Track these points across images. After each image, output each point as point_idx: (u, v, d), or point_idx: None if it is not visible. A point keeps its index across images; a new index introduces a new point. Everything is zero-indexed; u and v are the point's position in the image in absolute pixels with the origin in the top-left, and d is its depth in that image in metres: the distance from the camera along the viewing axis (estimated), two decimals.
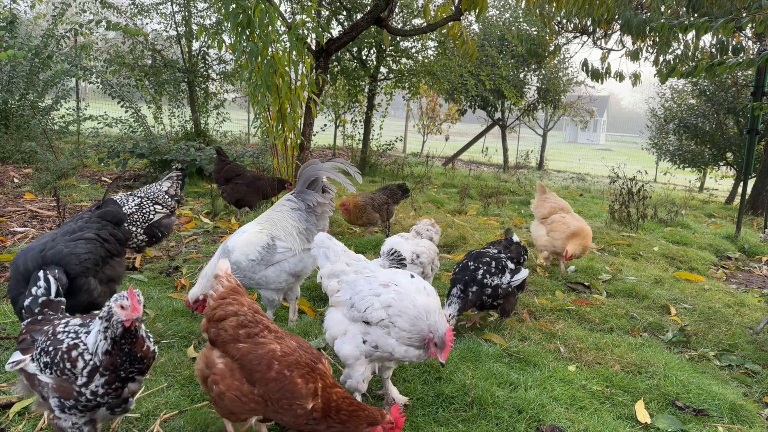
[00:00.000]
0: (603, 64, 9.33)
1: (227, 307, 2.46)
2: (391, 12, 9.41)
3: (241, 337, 2.36)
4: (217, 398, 2.34)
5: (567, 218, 5.63)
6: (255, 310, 2.49)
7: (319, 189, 3.86)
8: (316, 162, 3.88)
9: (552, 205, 5.89)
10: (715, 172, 16.97)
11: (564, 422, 2.89)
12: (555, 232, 5.58)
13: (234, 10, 6.39)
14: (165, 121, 12.68)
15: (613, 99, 69.37)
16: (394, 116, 28.16)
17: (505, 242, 4.43)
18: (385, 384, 2.94)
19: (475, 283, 3.83)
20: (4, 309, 3.76)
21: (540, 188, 6.19)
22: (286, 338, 2.41)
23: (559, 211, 5.78)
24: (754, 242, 7.84)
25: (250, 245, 3.63)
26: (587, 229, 5.53)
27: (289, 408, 2.25)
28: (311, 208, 3.82)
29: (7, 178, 8.09)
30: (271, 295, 3.77)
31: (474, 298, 3.80)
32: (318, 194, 3.84)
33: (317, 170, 3.82)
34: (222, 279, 2.58)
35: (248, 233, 3.69)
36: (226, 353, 2.37)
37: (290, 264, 3.69)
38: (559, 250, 5.49)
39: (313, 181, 3.85)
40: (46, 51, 9.52)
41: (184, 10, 12.70)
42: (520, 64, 17.66)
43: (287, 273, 3.69)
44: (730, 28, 4.69)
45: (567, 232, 5.45)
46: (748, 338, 4.35)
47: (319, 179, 3.85)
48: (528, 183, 13.56)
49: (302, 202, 3.83)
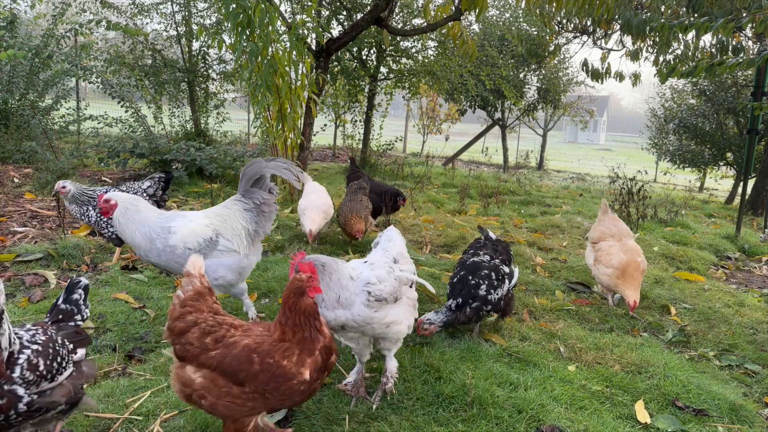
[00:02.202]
0: (603, 64, 9.34)
1: (186, 318, 2.36)
2: (391, 12, 9.41)
3: (209, 345, 2.29)
4: (211, 410, 2.29)
5: (613, 248, 4.79)
6: (215, 312, 2.42)
7: (265, 188, 3.84)
8: (259, 161, 3.84)
9: (603, 229, 5.10)
10: (715, 172, 16.97)
11: (564, 422, 2.89)
12: (600, 264, 4.82)
13: (234, 10, 6.39)
14: (165, 121, 12.68)
15: (613, 99, 69.36)
16: (394, 116, 28.15)
17: (491, 244, 4.21)
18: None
19: (477, 299, 3.72)
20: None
21: (603, 207, 5.27)
22: (252, 328, 2.40)
23: (609, 238, 4.98)
24: (754, 242, 7.84)
25: (192, 235, 3.60)
26: (636, 261, 4.66)
27: (289, 390, 2.24)
28: (258, 206, 3.80)
29: (7, 177, 8.09)
30: (222, 289, 3.80)
31: (471, 313, 3.70)
32: (264, 192, 3.82)
33: (262, 168, 3.79)
34: (194, 279, 2.48)
35: (195, 223, 3.66)
36: (200, 366, 2.28)
37: (230, 261, 3.67)
38: (609, 286, 4.75)
39: (258, 179, 3.82)
40: (46, 51, 9.51)
41: (184, 10, 12.70)
42: (520, 64, 17.66)
43: (225, 268, 3.65)
44: (730, 28, 4.69)
45: (611, 267, 4.66)
46: (748, 338, 4.35)
47: (265, 177, 3.82)
48: (528, 183, 13.57)
49: (251, 201, 3.81)
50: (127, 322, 3.76)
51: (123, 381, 2.98)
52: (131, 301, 4.14)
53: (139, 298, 4.22)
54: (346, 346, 3.10)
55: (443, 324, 3.68)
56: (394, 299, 2.91)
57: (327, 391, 3.04)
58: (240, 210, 3.83)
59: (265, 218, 3.86)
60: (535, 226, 8.02)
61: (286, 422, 2.77)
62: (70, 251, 4.98)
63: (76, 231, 5.77)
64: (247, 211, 3.82)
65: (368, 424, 2.76)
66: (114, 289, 4.33)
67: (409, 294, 3.09)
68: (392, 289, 2.87)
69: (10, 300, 3.96)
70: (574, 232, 7.80)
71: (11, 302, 3.90)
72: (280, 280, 4.69)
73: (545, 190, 12.99)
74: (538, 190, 12.95)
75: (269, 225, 3.91)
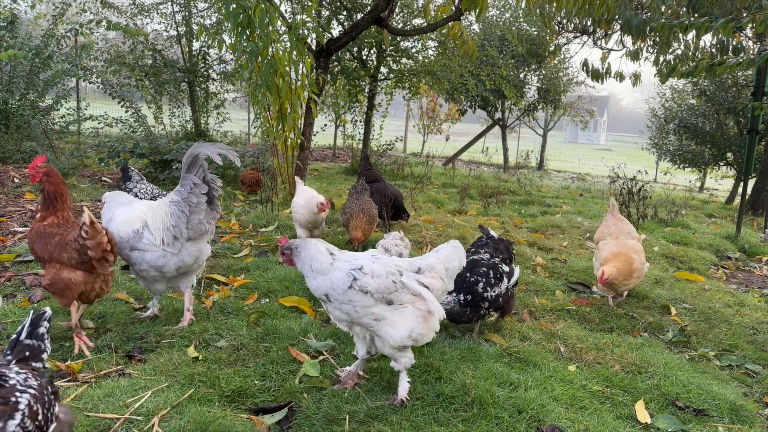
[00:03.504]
0: (603, 64, 9.35)
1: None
2: (391, 12, 9.41)
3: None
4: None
5: (608, 245, 4.86)
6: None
7: (199, 174, 3.55)
8: (201, 144, 3.65)
9: (604, 229, 5.15)
10: (715, 172, 16.98)
11: (564, 422, 2.89)
12: (596, 260, 4.90)
13: (234, 10, 6.39)
14: (165, 121, 12.68)
15: (613, 99, 69.39)
16: (395, 116, 28.15)
17: (492, 242, 4.19)
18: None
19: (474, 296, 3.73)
20: (5, 309, 3.77)
21: (611, 206, 5.30)
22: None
23: (608, 237, 5.03)
24: (754, 242, 7.84)
25: (124, 224, 3.62)
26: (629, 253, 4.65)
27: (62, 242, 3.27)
28: (186, 198, 3.55)
29: (7, 178, 8.09)
30: (141, 281, 3.76)
31: (471, 312, 3.72)
32: (195, 178, 3.56)
33: (198, 148, 3.57)
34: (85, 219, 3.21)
35: (133, 213, 3.67)
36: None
37: (151, 256, 3.59)
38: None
39: (193, 162, 3.56)
40: (46, 51, 9.51)
41: (185, 10, 12.71)
42: (521, 64, 17.67)
43: (147, 263, 3.60)
44: (730, 28, 4.69)
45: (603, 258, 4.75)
46: (749, 338, 4.35)
47: (198, 160, 3.55)
48: (528, 183, 13.56)
49: (181, 191, 3.59)
50: (127, 322, 3.76)
51: (123, 381, 2.98)
52: (131, 301, 4.14)
53: (139, 298, 4.22)
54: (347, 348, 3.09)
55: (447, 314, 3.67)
56: (386, 301, 2.87)
57: (327, 391, 3.04)
58: (167, 202, 3.64)
59: (193, 211, 3.57)
60: (535, 226, 8.02)
61: (287, 422, 2.77)
62: None
63: None
64: (172, 204, 3.60)
65: (368, 424, 2.76)
66: (114, 289, 4.33)
67: (420, 305, 2.96)
68: (383, 288, 2.86)
69: (10, 300, 3.97)
70: (574, 232, 7.80)
71: (11, 302, 3.90)
72: (281, 280, 4.69)
73: (545, 190, 13.00)
74: (539, 190, 12.95)
75: (198, 217, 3.58)
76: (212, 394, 2.91)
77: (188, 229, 3.59)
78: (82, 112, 11.88)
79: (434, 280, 3.05)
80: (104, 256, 3.31)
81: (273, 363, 3.29)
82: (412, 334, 2.92)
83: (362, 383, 3.14)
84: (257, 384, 3.05)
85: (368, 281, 2.85)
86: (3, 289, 4.18)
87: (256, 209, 7.48)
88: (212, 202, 3.68)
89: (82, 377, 3.02)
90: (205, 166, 3.60)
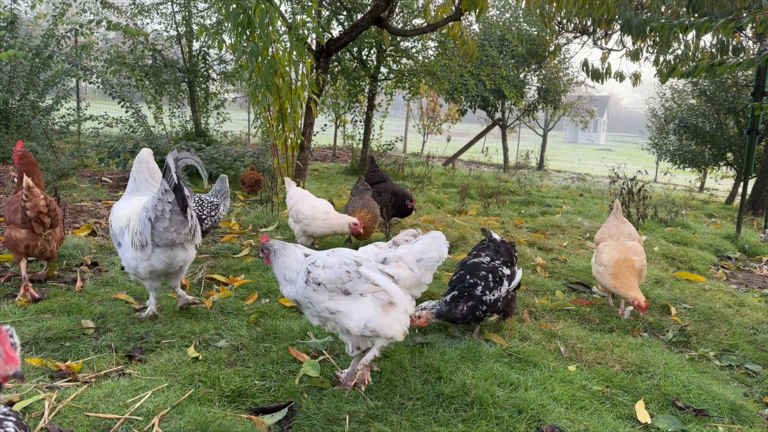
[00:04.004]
0: (603, 64, 9.35)
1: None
2: (391, 12, 9.41)
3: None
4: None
5: (608, 247, 4.70)
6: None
7: (171, 180, 3.33)
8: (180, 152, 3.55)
9: (604, 230, 5.08)
10: (715, 172, 16.98)
11: (564, 422, 2.89)
12: (596, 264, 4.74)
13: (234, 10, 6.39)
14: (165, 121, 12.68)
15: (613, 99, 69.39)
16: (395, 116, 28.17)
17: (493, 245, 4.17)
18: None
19: (472, 298, 3.72)
20: (5, 309, 3.77)
21: (615, 207, 5.20)
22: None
23: (608, 238, 4.93)
24: (754, 242, 7.84)
25: (116, 219, 3.75)
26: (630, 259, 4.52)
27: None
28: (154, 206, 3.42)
29: (7, 178, 8.09)
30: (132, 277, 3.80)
31: (467, 312, 3.71)
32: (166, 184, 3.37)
33: (171, 156, 3.38)
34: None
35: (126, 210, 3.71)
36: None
37: (129, 255, 3.62)
38: (607, 287, 4.58)
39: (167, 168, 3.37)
40: (46, 51, 9.52)
41: (185, 10, 12.71)
42: (521, 64, 17.67)
43: (125, 261, 3.66)
44: (730, 28, 4.69)
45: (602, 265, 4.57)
46: (749, 338, 4.35)
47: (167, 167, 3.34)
48: (528, 183, 13.56)
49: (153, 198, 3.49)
50: (127, 322, 3.76)
51: (123, 381, 2.98)
52: (131, 301, 4.14)
53: (139, 298, 4.22)
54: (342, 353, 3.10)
55: (436, 313, 3.69)
56: (342, 291, 2.93)
57: (327, 391, 3.04)
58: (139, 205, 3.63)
59: (158, 219, 3.44)
60: (535, 226, 8.02)
61: (287, 422, 2.77)
62: (70, 251, 4.98)
63: (76, 231, 5.76)
64: (144, 209, 3.52)
65: (368, 424, 2.76)
66: (114, 289, 4.33)
67: (381, 295, 2.95)
68: (334, 278, 2.91)
69: (10, 300, 3.97)
70: (574, 232, 7.80)
71: (11, 302, 3.91)
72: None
73: (545, 190, 13.00)
74: (539, 190, 12.95)
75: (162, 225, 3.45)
76: (212, 394, 2.91)
77: (154, 237, 3.50)
78: (82, 112, 11.89)
79: (400, 270, 3.03)
80: (39, 218, 3.92)
81: (273, 363, 3.29)
82: (369, 324, 2.91)
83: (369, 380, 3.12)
84: (257, 384, 3.05)
85: (319, 273, 2.93)
86: (3, 289, 4.18)
87: (256, 209, 7.48)
88: (185, 210, 3.45)
89: (82, 377, 3.02)
90: (178, 172, 3.38)
